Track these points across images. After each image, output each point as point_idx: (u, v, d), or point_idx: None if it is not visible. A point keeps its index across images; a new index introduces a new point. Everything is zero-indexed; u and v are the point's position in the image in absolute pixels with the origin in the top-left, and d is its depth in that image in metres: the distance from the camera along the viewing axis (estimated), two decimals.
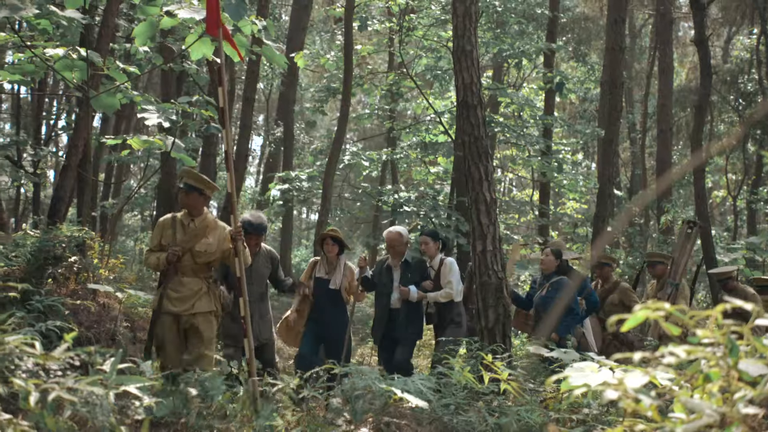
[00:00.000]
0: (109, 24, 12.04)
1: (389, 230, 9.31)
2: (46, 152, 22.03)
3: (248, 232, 7.88)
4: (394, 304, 8.87)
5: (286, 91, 21.57)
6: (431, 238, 9.14)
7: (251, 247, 7.92)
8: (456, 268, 8.93)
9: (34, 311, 6.28)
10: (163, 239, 7.00)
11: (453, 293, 8.73)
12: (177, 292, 6.88)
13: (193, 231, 6.95)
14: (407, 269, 8.98)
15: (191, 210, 7.02)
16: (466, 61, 7.74)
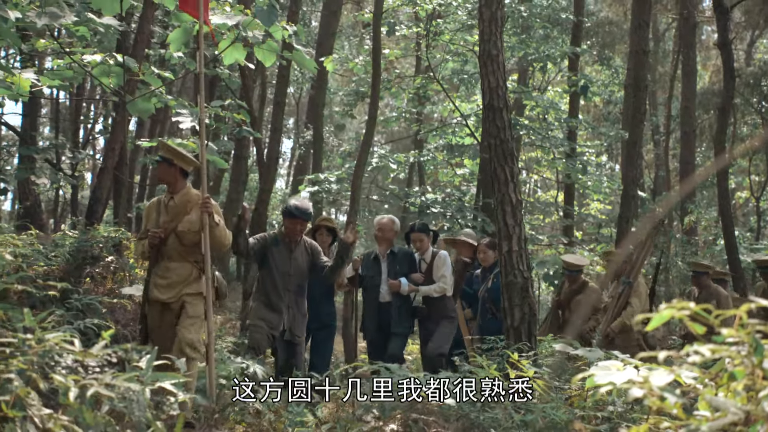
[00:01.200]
0: (144, 30, 12.15)
1: (381, 217, 9.07)
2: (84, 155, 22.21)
3: (294, 216, 7.56)
4: (384, 297, 8.60)
5: (315, 95, 21.60)
6: (425, 234, 8.90)
7: (296, 233, 7.66)
8: (449, 262, 8.76)
9: (73, 309, 6.34)
10: (150, 224, 6.46)
11: (447, 288, 8.60)
12: (164, 278, 6.30)
13: (174, 209, 6.39)
14: (394, 260, 8.74)
15: (167, 185, 6.51)
16: (492, 65, 7.72)
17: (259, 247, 7.65)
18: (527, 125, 18.66)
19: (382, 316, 8.54)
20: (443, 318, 8.60)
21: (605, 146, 25.51)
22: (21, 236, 7.48)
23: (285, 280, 7.61)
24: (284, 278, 7.61)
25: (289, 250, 7.70)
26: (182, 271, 6.29)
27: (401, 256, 8.77)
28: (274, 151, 18.65)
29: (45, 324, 4.48)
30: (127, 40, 11.87)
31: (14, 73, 8.14)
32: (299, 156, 27.65)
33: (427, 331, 8.66)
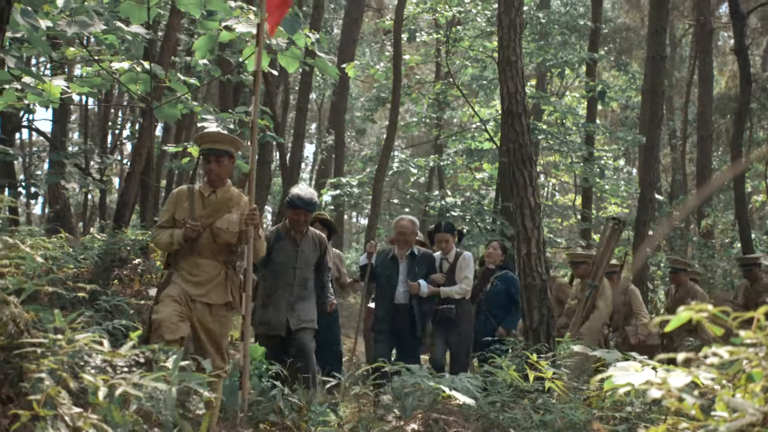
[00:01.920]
0: (171, 38, 12.22)
1: (401, 218, 8.39)
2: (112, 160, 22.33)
3: (297, 206, 6.94)
4: (399, 298, 7.99)
5: (337, 101, 21.66)
6: (451, 234, 8.48)
7: (300, 224, 7.04)
8: (472, 264, 8.36)
9: (102, 310, 6.36)
10: (177, 213, 5.90)
11: (469, 289, 8.20)
12: (192, 275, 5.78)
13: (214, 204, 5.88)
14: (413, 262, 8.11)
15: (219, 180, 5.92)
16: (510, 71, 7.71)
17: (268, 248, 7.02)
18: (545, 130, 18.62)
19: (397, 318, 7.96)
20: (463, 321, 8.18)
21: (622, 150, 25.38)
22: (51, 239, 7.50)
23: (288, 275, 7.02)
24: (287, 273, 7.01)
25: (295, 242, 7.09)
26: (211, 270, 5.81)
27: (420, 258, 8.16)
28: (296, 156, 18.73)
29: (75, 325, 4.51)
30: (154, 48, 11.93)
31: (45, 80, 8.20)
32: (321, 160, 27.72)
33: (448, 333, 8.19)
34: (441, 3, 17.83)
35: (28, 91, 7.94)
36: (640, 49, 27.63)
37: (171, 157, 19.15)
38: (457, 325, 8.15)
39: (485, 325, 8.70)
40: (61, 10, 7.98)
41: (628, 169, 31.87)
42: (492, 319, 8.71)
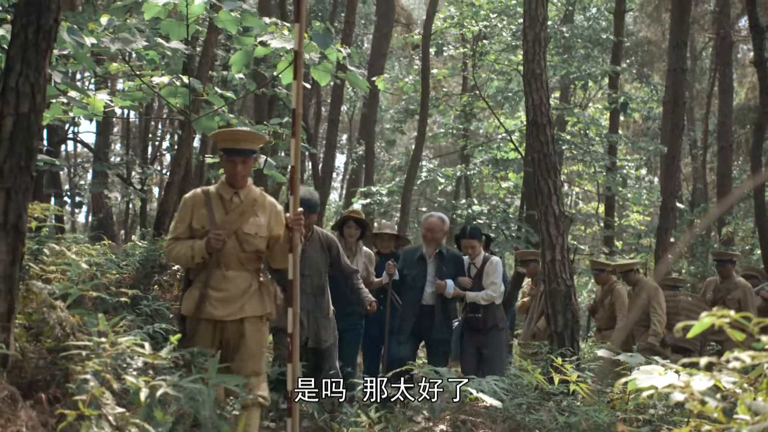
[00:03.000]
0: (208, 54, 12.30)
1: (430, 215, 7.90)
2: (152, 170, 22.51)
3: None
4: (427, 299, 7.50)
5: (367, 113, 21.65)
6: (477, 240, 7.88)
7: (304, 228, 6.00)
8: (501, 269, 7.81)
9: (143, 315, 6.40)
10: (195, 222, 5.06)
11: (495, 296, 7.60)
12: (221, 290, 4.95)
13: (238, 208, 5.05)
14: (441, 262, 7.62)
15: (239, 181, 5.10)
16: (535, 83, 7.70)
17: None
18: (569, 140, 18.56)
19: (422, 320, 7.48)
20: (491, 329, 7.63)
21: (644, 160, 25.24)
22: (95, 246, 7.58)
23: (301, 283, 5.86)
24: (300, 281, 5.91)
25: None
26: (241, 282, 5.01)
27: (449, 258, 7.69)
28: (328, 166, 18.78)
29: (117, 328, 4.55)
30: (193, 63, 12.01)
31: (89, 94, 8.28)
32: (352, 170, 27.72)
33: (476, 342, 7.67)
34: (468, 18, 17.85)
35: (74, 104, 8.02)
36: (661, 61, 27.45)
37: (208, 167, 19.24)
38: (486, 333, 7.63)
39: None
40: (104, 27, 8.06)
41: (650, 178, 31.64)
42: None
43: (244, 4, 8.71)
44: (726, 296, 9.22)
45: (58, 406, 3.73)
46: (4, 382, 3.64)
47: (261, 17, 8.60)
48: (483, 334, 7.63)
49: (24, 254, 4.25)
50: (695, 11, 23.35)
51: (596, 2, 22.32)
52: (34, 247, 5.90)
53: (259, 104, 17.79)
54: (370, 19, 26.19)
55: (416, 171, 18.14)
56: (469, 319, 7.72)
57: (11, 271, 4.00)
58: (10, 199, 4.02)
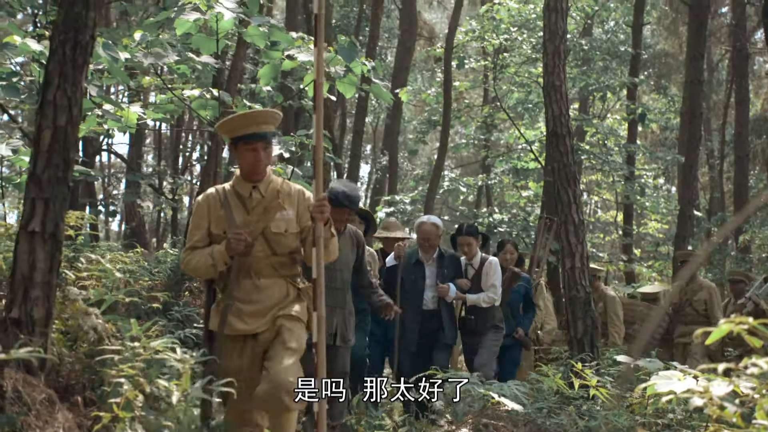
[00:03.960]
0: (237, 67, 12.35)
1: (423, 221, 7.34)
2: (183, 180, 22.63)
3: (341, 204, 5.63)
4: (428, 304, 7.06)
5: (391, 124, 21.68)
6: (474, 237, 7.44)
7: (338, 223, 5.66)
8: (500, 270, 7.37)
9: (174, 320, 6.43)
10: (214, 226, 4.31)
11: (496, 298, 7.22)
12: (251, 303, 4.24)
13: (260, 204, 4.29)
14: (441, 264, 7.19)
15: (262, 171, 4.32)
16: (555, 95, 7.69)
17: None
18: (588, 150, 18.49)
19: (425, 326, 7.04)
20: (490, 329, 7.24)
21: (662, 169, 25.08)
22: (128, 254, 7.63)
23: (330, 277, 5.64)
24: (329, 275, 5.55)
25: None
26: (275, 292, 4.27)
27: (448, 261, 7.27)
28: (353, 175, 18.81)
29: (149, 333, 4.57)
30: (222, 76, 12.08)
31: (123, 107, 8.35)
32: (376, 180, 27.72)
33: (471, 343, 7.32)
34: (489, 32, 17.83)
35: (108, 117, 8.09)
36: (678, 73, 27.30)
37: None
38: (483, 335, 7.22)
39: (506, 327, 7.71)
40: (138, 43, 8.13)
41: (668, 187, 31.44)
42: (512, 320, 7.86)
43: (272, 20, 8.76)
44: (692, 298, 9.14)
45: (93, 409, 3.76)
46: (42, 385, 3.68)
47: (288, 32, 8.63)
48: (479, 336, 7.22)
49: (61, 262, 4.29)
50: (712, 24, 23.23)
51: (614, 16, 22.25)
52: (70, 255, 5.95)
53: (286, 116, 17.86)
54: (394, 33, 26.23)
55: (439, 180, 18.16)
56: (464, 320, 7.36)
57: (49, 278, 4.03)
58: (48, 208, 4.05)
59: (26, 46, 6.96)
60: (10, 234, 5.28)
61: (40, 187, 4.07)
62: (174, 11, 8.13)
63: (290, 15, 19.25)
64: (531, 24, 18.02)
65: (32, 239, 4.02)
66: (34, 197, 4.07)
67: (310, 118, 16.77)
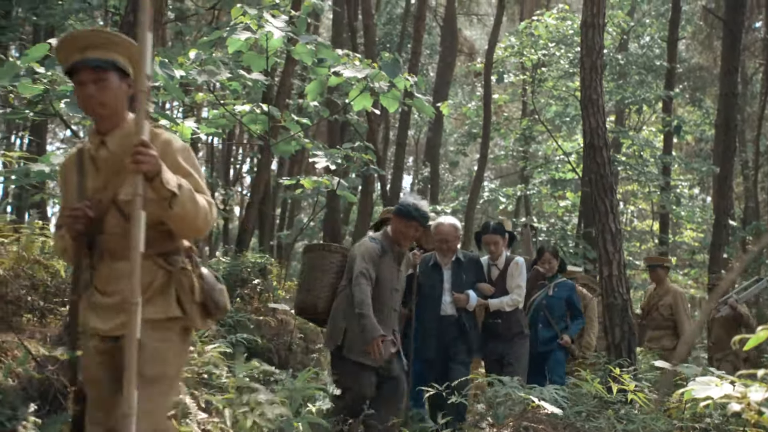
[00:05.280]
0: (286, 83, 12.46)
1: (440, 222, 6.53)
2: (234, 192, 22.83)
3: (412, 217, 5.35)
4: (446, 310, 6.32)
5: (432, 136, 21.69)
6: (501, 236, 6.75)
7: (407, 239, 5.45)
8: (525, 270, 6.74)
9: (226, 325, 6.48)
10: (69, 195, 3.19)
11: (521, 300, 6.63)
12: (106, 294, 3.08)
13: (109, 162, 3.10)
14: (459, 269, 6.45)
15: (108, 116, 3.07)
16: (592, 108, 7.64)
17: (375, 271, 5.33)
18: (624, 161, 18.35)
19: (444, 333, 6.33)
20: (516, 335, 6.64)
21: (697, 180, 24.78)
22: None
23: (392, 297, 5.44)
24: (392, 295, 5.44)
25: (398, 261, 5.55)
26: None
27: (467, 264, 6.52)
28: (396, 186, 18.80)
29: (203, 338, 4.62)
30: (271, 92, 12.19)
31: (178, 122, 8.45)
32: (418, 190, 27.76)
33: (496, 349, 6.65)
34: (527, 48, 17.77)
35: None
36: (713, 86, 26.97)
37: (285, 188, 19.46)
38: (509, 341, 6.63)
39: (544, 332, 7.32)
40: (192, 61, 8.23)
41: (703, 196, 31.03)
42: (555, 326, 7.36)
43: (319, 38, 8.83)
44: (658, 302, 8.90)
45: None
46: None
47: (334, 49, 8.69)
48: (505, 342, 6.61)
49: None
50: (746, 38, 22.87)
51: (650, 31, 22.06)
52: None
53: (331, 129, 17.98)
54: (435, 49, 26.24)
55: (479, 191, 18.10)
56: (489, 325, 6.67)
57: None
58: None
59: None
60: None
61: None
62: (226, 31, 8.23)
63: (336, 33, 19.37)
64: (568, 39, 17.95)
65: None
66: None
67: (355, 131, 16.84)
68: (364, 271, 5.18)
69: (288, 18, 8.59)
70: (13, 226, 5.08)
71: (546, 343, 7.28)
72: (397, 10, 25.99)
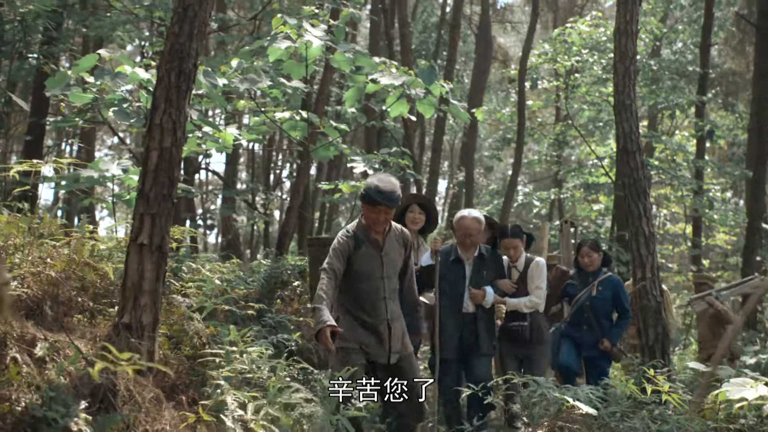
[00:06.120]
0: (324, 91, 12.53)
1: (464, 215, 6.16)
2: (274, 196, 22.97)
3: (375, 201, 4.81)
4: (468, 307, 6.01)
5: (467, 142, 21.65)
6: (520, 239, 6.43)
7: (378, 224, 4.92)
8: (545, 271, 6.40)
9: (267, 326, 6.51)
10: None
11: (540, 302, 6.27)
12: None
13: None
14: (481, 265, 6.11)
15: None
16: (625, 113, 7.58)
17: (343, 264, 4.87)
18: (657, 166, 18.17)
19: (466, 331, 6.02)
20: (536, 340, 6.30)
21: (730, 183, 24.46)
22: (225, 264, 7.77)
23: (378, 287, 4.96)
24: (377, 285, 4.96)
25: (378, 247, 4.98)
26: None
27: (490, 260, 6.19)
28: (432, 191, 18.82)
29: (246, 338, 4.65)
30: (311, 99, 12.27)
31: (221, 129, 8.53)
32: (453, 194, 27.70)
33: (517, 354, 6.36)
34: (561, 54, 17.69)
35: (207, 138, 8.27)
36: (745, 91, 26.59)
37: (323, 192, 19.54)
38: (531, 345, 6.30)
39: (589, 334, 6.88)
40: (234, 69, 8.31)
41: (736, 200, 30.61)
42: (598, 329, 6.86)
43: (356, 46, 8.86)
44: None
45: (196, 408, 3.83)
46: (150, 385, 3.77)
47: (371, 57, 8.71)
48: (526, 346, 6.29)
49: (166, 272, 4.40)
50: None
51: (683, 37, 21.84)
52: (173, 266, 6.08)
53: (369, 135, 18.03)
54: (470, 56, 26.23)
55: (513, 195, 18.06)
56: (510, 328, 6.33)
57: (156, 287, 4.14)
58: (155, 223, 4.17)
59: (135, 75, 7.17)
60: (121, 246, 5.43)
61: (147, 203, 4.19)
62: (267, 40, 8.30)
63: (373, 41, 19.43)
64: (602, 46, 17.82)
65: (141, 251, 4.13)
66: (143, 212, 4.19)
67: (392, 136, 16.87)
68: (326, 266, 4.74)
69: (327, 27, 8.64)
70: (64, 230, 5.15)
71: (589, 349, 6.87)
72: (432, 19, 26.03)
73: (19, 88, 16.00)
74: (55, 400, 3.19)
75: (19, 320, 3.67)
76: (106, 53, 7.64)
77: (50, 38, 11.83)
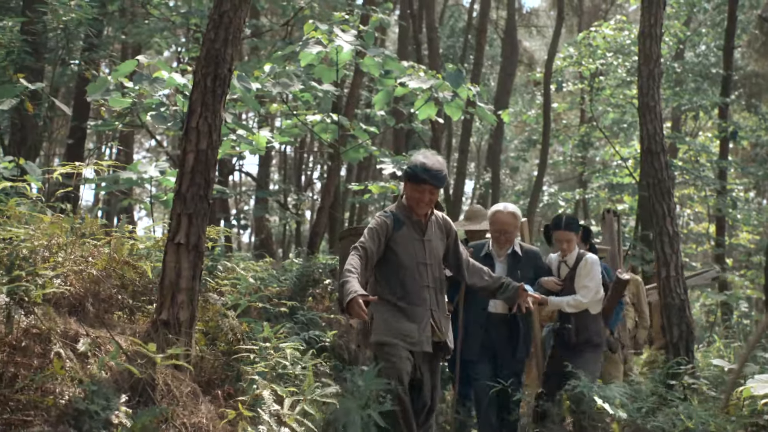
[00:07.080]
0: (354, 94, 12.53)
1: (499, 209, 5.62)
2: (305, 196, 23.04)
3: (421, 180, 4.44)
4: (496, 307, 5.39)
5: (494, 143, 21.57)
6: (575, 233, 5.66)
7: (423, 205, 4.53)
8: (598, 269, 5.56)
9: (299, 323, 6.53)
10: None
11: (586, 302, 5.43)
12: None
13: None
14: (516, 262, 5.50)
15: None
16: (650, 115, 7.52)
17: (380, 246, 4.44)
18: (681, 166, 18.00)
19: (491, 332, 5.44)
20: (587, 345, 5.52)
21: (753, 183, 24.16)
22: (259, 263, 7.80)
23: (421, 274, 4.50)
24: (420, 271, 4.50)
25: (420, 230, 4.59)
26: None
27: (525, 258, 5.57)
28: (458, 191, 18.79)
29: (279, 335, 4.67)
30: (341, 102, 12.29)
31: (254, 132, 8.57)
32: (479, 195, 27.63)
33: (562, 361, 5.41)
34: (585, 57, 17.57)
35: (241, 141, 8.32)
36: None
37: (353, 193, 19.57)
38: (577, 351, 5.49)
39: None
40: (267, 74, 8.35)
41: (759, 200, 30.24)
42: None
43: (386, 51, 8.86)
44: None
45: (231, 402, 3.86)
46: (187, 379, 3.80)
47: (400, 61, 8.71)
48: (572, 351, 5.49)
49: (202, 270, 4.43)
50: None
51: (706, 40, 21.61)
52: (209, 264, 6.12)
53: (397, 137, 18.02)
54: (497, 60, 26.14)
55: (539, 195, 17.98)
56: (558, 331, 5.66)
57: (192, 285, 4.17)
58: (192, 223, 4.20)
59: (172, 80, 7.23)
60: (158, 245, 5.48)
61: (184, 204, 4.22)
62: (299, 45, 8.33)
63: (401, 46, 19.41)
64: (626, 49, 17.69)
65: (178, 250, 4.17)
66: (180, 213, 4.22)
67: (419, 137, 16.84)
68: (358, 245, 4.35)
69: (356, 32, 8.65)
70: (105, 230, 5.20)
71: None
72: (459, 24, 25.97)
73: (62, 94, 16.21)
74: (97, 393, 3.24)
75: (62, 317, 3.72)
76: (145, 59, 7.72)
77: (91, 45, 11.96)
